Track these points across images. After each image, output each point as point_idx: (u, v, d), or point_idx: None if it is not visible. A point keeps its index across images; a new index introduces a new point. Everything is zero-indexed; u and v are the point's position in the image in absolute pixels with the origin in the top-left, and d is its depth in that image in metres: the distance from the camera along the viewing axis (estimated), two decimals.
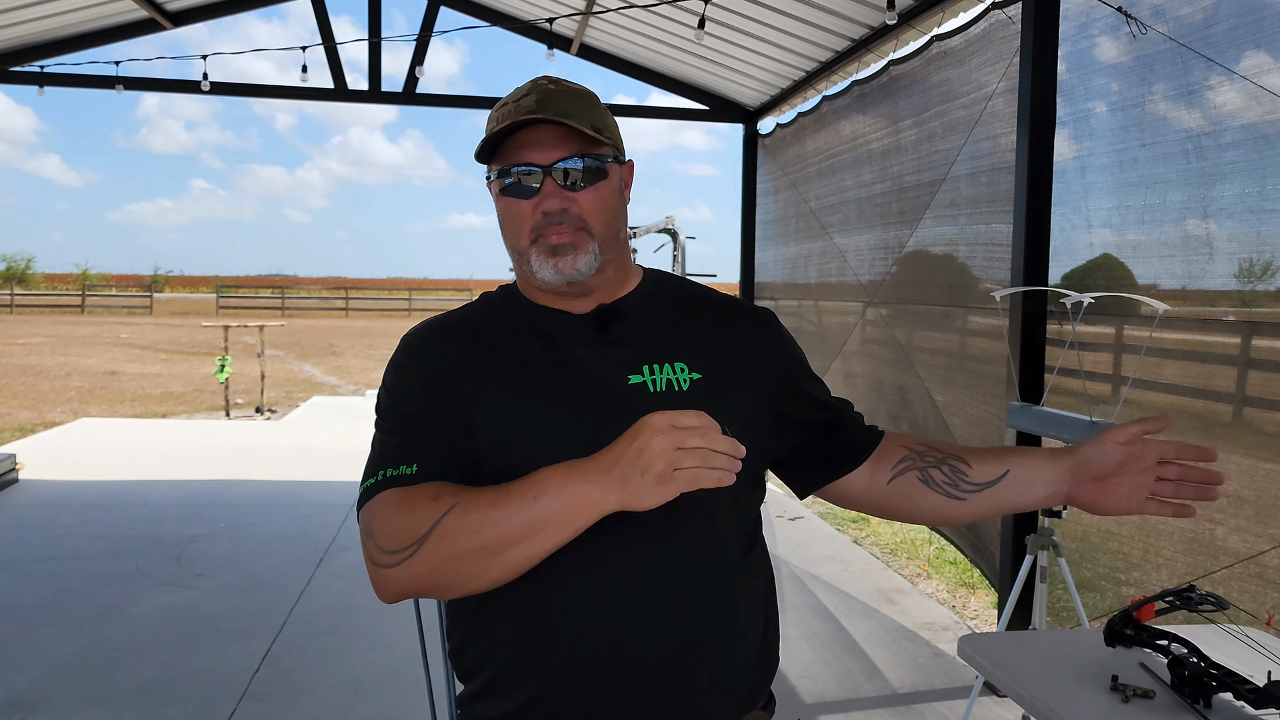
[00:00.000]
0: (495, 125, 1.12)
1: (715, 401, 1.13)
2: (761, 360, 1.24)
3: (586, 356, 1.16)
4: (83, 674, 3.22)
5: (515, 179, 1.12)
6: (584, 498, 0.98)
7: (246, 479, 6.40)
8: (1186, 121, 2.65)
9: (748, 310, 1.30)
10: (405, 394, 1.15)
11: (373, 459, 1.13)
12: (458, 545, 1.01)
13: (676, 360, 1.17)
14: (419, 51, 6.23)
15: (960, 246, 3.94)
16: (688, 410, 0.96)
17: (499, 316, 1.21)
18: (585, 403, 1.12)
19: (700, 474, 0.94)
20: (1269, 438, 2.45)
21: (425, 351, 1.18)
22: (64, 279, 54.34)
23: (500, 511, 1.00)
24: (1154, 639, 1.54)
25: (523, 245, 1.15)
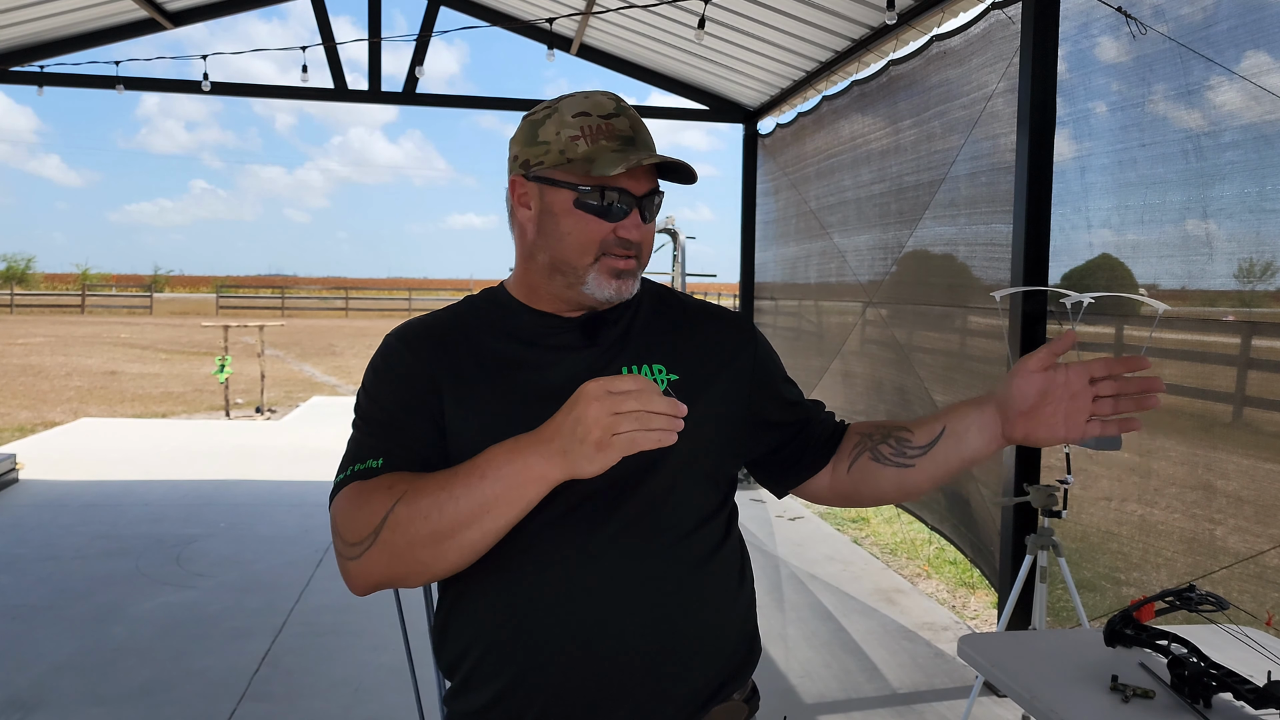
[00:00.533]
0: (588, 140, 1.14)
1: (691, 401, 1.15)
2: (736, 363, 1.28)
3: (569, 360, 1.19)
4: (82, 674, 3.22)
5: (606, 201, 1.14)
6: (528, 472, 1.00)
7: (246, 479, 6.40)
8: (1186, 121, 2.65)
9: (724, 316, 1.35)
10: (379, 394, 1.18)
11: (345, 456, 1.16)
12: (410, 533, 1.03)
13: (655, 362, 1.21)
14: (419, 51, 6.23)
15: (960, 246, 3.93)
16: (623, 375, 0.97)
17: (480, 318, 1.24)
18: (561, 399, 1.12)
19: (638, 436, 0.95)
20: (1269, 438, 2.45)
21: (401, 354, 1.20)
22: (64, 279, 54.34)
23: (448, 494, 1.02)
24: (1154, 639, 1.54)
25: (583, 261, 1.16)
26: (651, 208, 1.18)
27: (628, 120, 1.16)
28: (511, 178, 1.21)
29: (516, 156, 1.21)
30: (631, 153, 1.13)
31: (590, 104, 1.16)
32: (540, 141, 1.17)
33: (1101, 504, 3.03)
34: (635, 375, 0.98)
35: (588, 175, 1.14)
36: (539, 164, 1.17)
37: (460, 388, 1.16)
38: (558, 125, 1.16)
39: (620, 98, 1.19)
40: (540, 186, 1.17)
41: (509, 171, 1.23)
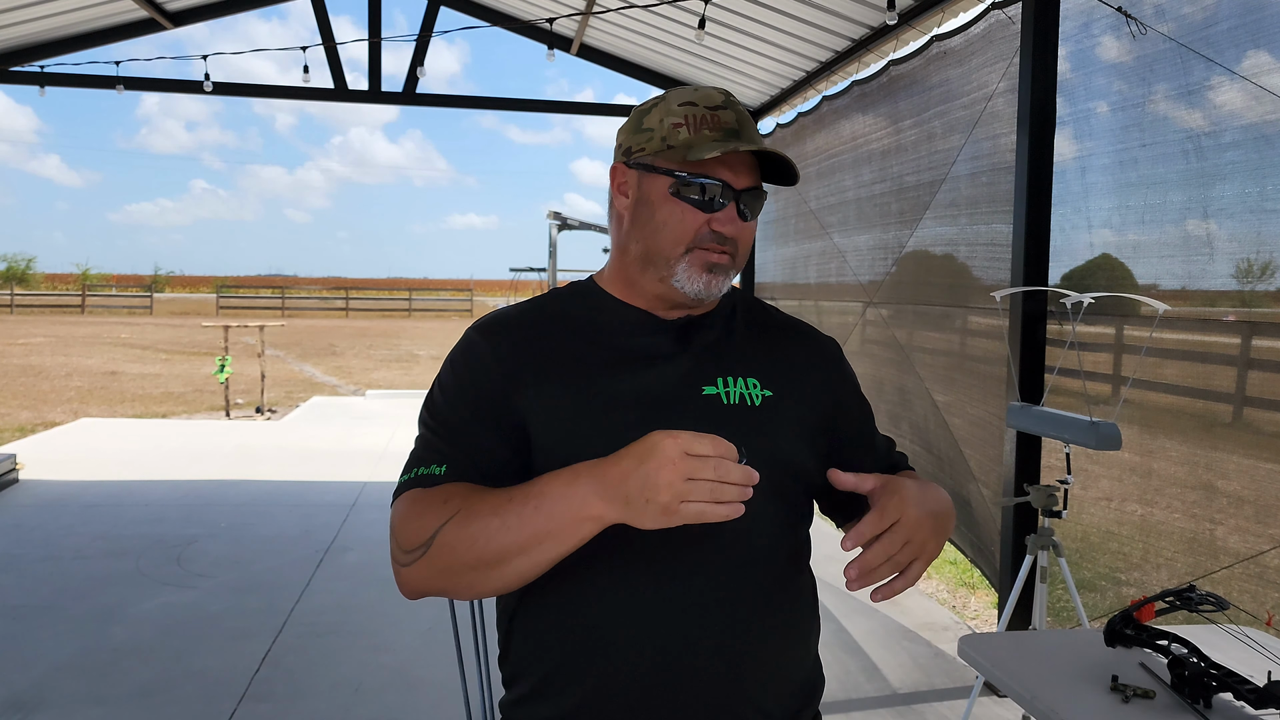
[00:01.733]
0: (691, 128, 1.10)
1: (784, 420, 1.15)
2: (825, 388, 1.25)
3: (662, 363, 1.15)
4: (83, 674, 3.22)
5: (705, 192, 1.11)
6: (584, 510, 0.96)
7: (246, 479, 6.40)
8: (1187, 121, 2.65)
9: (816, 337, 1.32)
10: (453, 394, 1.14)
11: (411, 455, 1.14)
12: (458, 555, 1.01)
13: (749, 375, 1.17)
14: (419, 51, 6.23)
15: (960, 246, 3.93)
16: (704, 435, 0.93)
17: (569, 312, 1.19)
18: (654, 408, 1.11)
19: (707, 509, 0.91)
20: (1269, 438, 2.45)
21: (479, 349, 1.15)
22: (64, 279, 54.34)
23: (499, 521, 0.99)
24: (1154, 639, 1.54)
25: (675, 252, 1.13)
26: (753, 205, 1.15)
27: (734, 114, 1.13)
28: (613, 165, 1.19)
29: (621, 144, 1.18)
30: (729, 143, 1.10)
31: (699, 95, 1.14)
32: (644, 129, 1.14)
33: (1102, 504, 3.03)
34: (714, 438, 0.93)
35: (685, 161, 1.11)
36: (640, 151, 1.15)
37: (543, 385, 1.12)
38: (662, 113, 1.14)
39: (731, 94, 1.17)
40: (639, 174, 1.15)
41: (613, 159, 1.20)
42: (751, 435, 1.10)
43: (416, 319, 32.57)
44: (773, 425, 1.15)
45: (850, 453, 1.27)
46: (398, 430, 8.54)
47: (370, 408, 10.12)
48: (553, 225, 8.45)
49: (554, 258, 8.48)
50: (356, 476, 6.51)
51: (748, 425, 1.12)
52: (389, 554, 1.09)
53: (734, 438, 1.06)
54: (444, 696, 3.13)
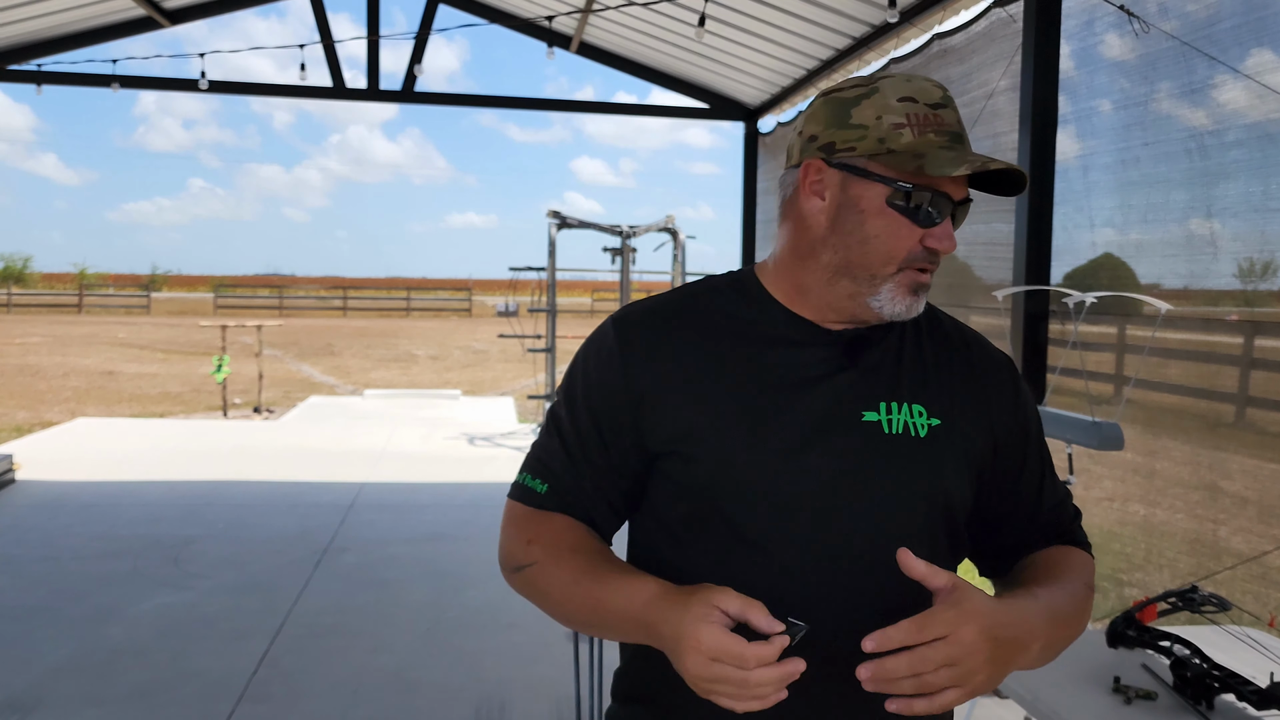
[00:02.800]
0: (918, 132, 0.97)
1: (950, 454, 1.04)
2: (998, 414, 1.10)
3: (823, 381, 1.03)
4: (80, 675, 3.20)
5: (927, 204, 0.98)
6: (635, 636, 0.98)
7: (244, 479, 6.39)
8: (1190, 120, 2.64)
9: (990, 352, 1.14)
10: (576, 394, 1.07)
11: (531, 451, 1.12)
12: (531, 595, 1.07)
13: (915, 401, 1.05)
14: (418, 49, 6.21)
15: (960, 246, 3.93)
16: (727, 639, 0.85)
17: (727, 311, 1.07)
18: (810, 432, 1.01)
19: (734, 704, 0.86)
20: (1272, 438, 2.44)
21: (611, 348, 1.06)
22: (62, 278, 54.31)
23: (565, 598, 1.02)
24: (1156, 640, 1.54)
25: (885, 270, 1.00)
26: (962, 218, 1.02)
27: (955, 114, 1.00)
28: (806, 160, 1.02)
29: (816, 137, 1.02)
30: (963, 151, 0.97)
31: (915, 89, 0.99)
32: (855, 124, 0.99)
33: (1105, 504, 3.02)
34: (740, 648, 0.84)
35: (917, 172, 0.97)
36: (848, 150, 0.99)
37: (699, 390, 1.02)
38: (878, 109, 0.99)
39: (945, 88, 1.03)
40: (845, 176, 1.00)
41: (799, 152, 1.04)
42: (911, 471, 1.02)
43: (415, 318, 32.56)
44: (937, 460, 1.04)
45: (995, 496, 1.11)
46: (396, 430, 8.53)
47: (368, 407, 10.11)
48: (552, 224, 8.43)
49: (553, 257, 8.46)
50: (354, 477, 6.50)
51: (908, 458, 1.03)
52: (390, 554, 1.10)
53: (892, 471, 1.02)
54: (442, 697, 3.12)
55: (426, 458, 7.28)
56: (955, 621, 0.86)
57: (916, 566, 0.90)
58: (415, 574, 4.33)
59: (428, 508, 5.65)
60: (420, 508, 5.65)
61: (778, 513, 1.00)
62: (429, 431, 8.50)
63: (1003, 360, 1.14)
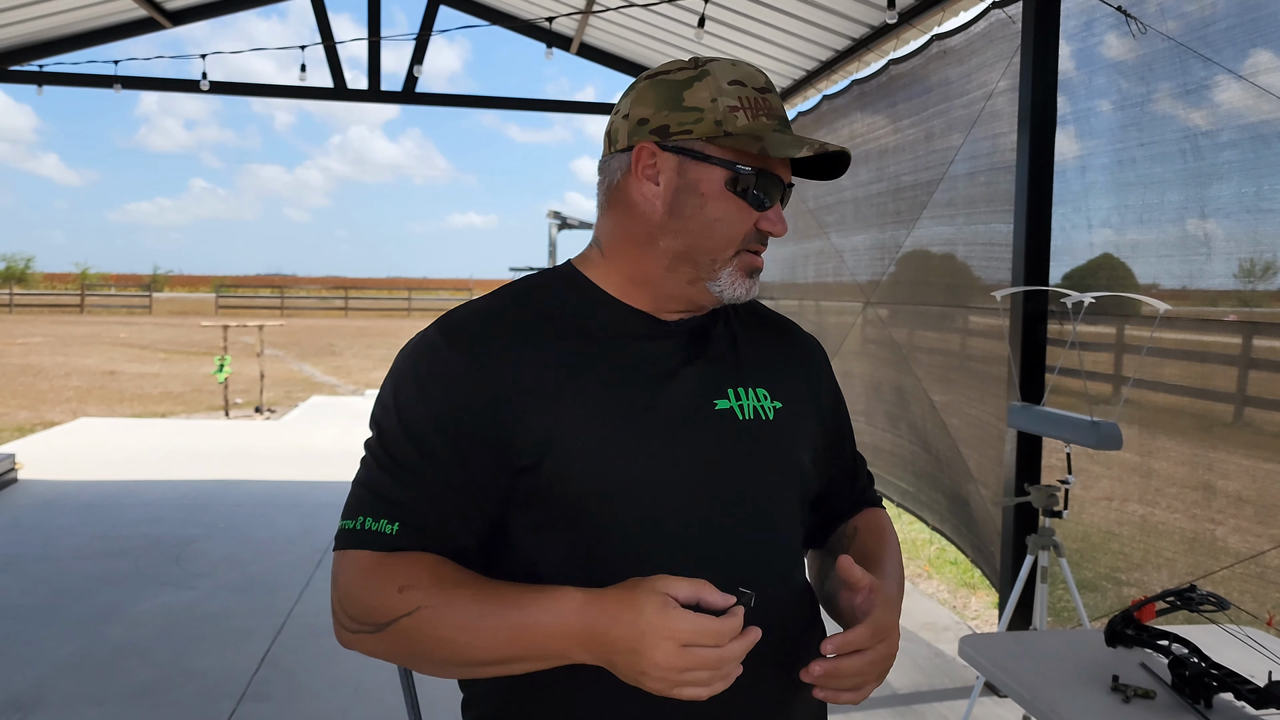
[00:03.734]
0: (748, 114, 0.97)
1: (795, 434, 1.06)
2: (820, 395, 1.14)
3: (672, 375, 1.00)
4: (82, 674, 3.21)
5: (764, 187, 0.98)
6: (567, 656, 0.88)
7: (246, 479, 6.39)
8: (1184, 121, 2.65)
9: (805, 337, 1.18)
10: (409, 417, 0.95)
11: (355, 492, 0.97)
12: (415, 650, 0.92)
13: (758, 385, 1.05)
14: (419, 50, 6.22)
15: (959, 246, 3.93)
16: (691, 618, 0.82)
17: (562, 309, 1.01)
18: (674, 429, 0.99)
19: (702, 692, 0.84)
20: (1270, 438, 2.45)
21: (452, 361, 0.96)
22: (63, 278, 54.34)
23: (468, 639, 0.89)
24: (1155, 639, 1.54)
25: (725, 254, 0.99)
26: (786, 203, 1.03)
27: (779, 99, 1.01)
28: (639, 144, 0.98)
29: (647, 120, 0.98)
30: (796, 135, 0.96)
31: (742, 73, 0.99)
32: (689, 107, 0.97)
33: (1102, 504, 3.03)
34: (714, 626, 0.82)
35: (757, 155, 0.96)
36: (684, 133, 0.97)
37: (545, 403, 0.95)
38: (712, 91, 0.97)
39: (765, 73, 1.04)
40: (682, 160, 0.97)
41: (625, 135, 1.00)
42: (769, 453, 1.03)
43: (416, 318, 32.57)
44: (787, 440, 1.05)
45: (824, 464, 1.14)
46: None
47: (369, 407, 10.10)
48: (552, 224, 8.45)
49: (554, 257, 8.48)
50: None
51: (763, 441, 1.03)
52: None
53: (753, 456, 1.02)
54: (443, 697, 3.13)
55: None
56: (892, 624, 0.95)
57: (853, 573, 0.96)
58: None
59: None
60: None
61: (653, 515, 0.96)
62: None
63: (815, 343, 1.20)
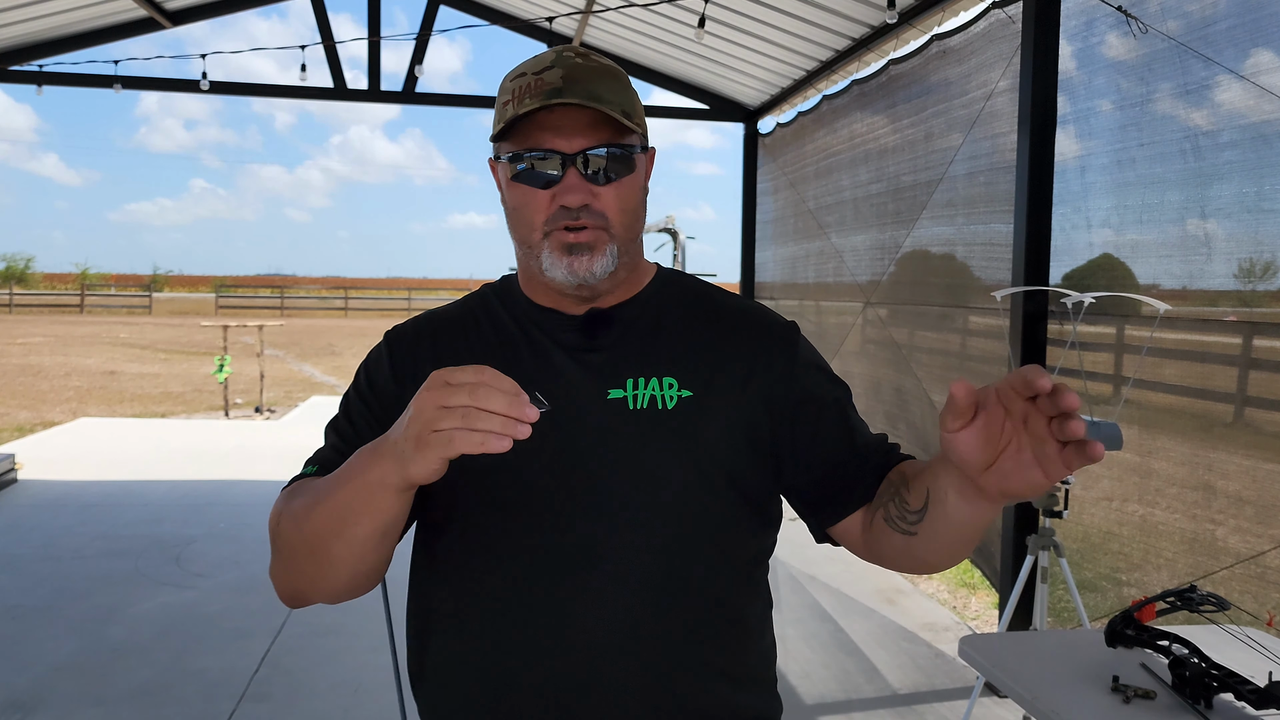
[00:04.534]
0: (516, 102, 0.99)
1: (701, 424, 1.03)
2: (767, 380, 1.07)
3: (565, 365, 1.05)
4: (82, 674, 3.21)
5: (529, 164, 1.00)
6: (372, 474, 0.87)
7: (246, 479, 6.39)
8: (1184, 121, 2.65)
9: (762, 320, 1.13)
10: (352, 403, 1.11)
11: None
12: (290, 538, 0.96)
13: (666, 375, 1.04)
14: (419, 50, 6.22)
15: (959, 246, 3.93)
16: (469, 367, 0.81)
17: (482, 316, 1.12)
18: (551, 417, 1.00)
19: (457, 435, 0.79)
20: (1269, 438, 2.45)
21: (380, 359, 1.11)
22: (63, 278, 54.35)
23: (315, 497, 0.93)
24: (1155, 639, 1.54)
25: (534, 239, 1.02)
26: (601, 166, 0.99)
27: (562, 70, 0.99)
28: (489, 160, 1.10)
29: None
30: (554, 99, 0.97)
31: (531, 62, 1.02)
32: (495, 119, 1.04)
33: (1102, 504, 3.03)
34: (481, 367, 0.81)
35: (518, 137, 1.01)
36: (493, 142, 1.05)
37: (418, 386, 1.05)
38: (500, 95, 1.03)
39: (577, 49, 1.03)
40: (498, 165, 1.06)
41: None
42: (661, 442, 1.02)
43: None
44: (689, 429, 1.03)
45: (804, 459, 1.08)
46: None
47: None
48: None
49: None
50: None
51: (657, 430, 1.02)
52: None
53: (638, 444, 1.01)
54: None
55: None
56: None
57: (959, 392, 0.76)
58: None
59: None
60: None
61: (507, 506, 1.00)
62: None
63: (780, 331, 1.12)
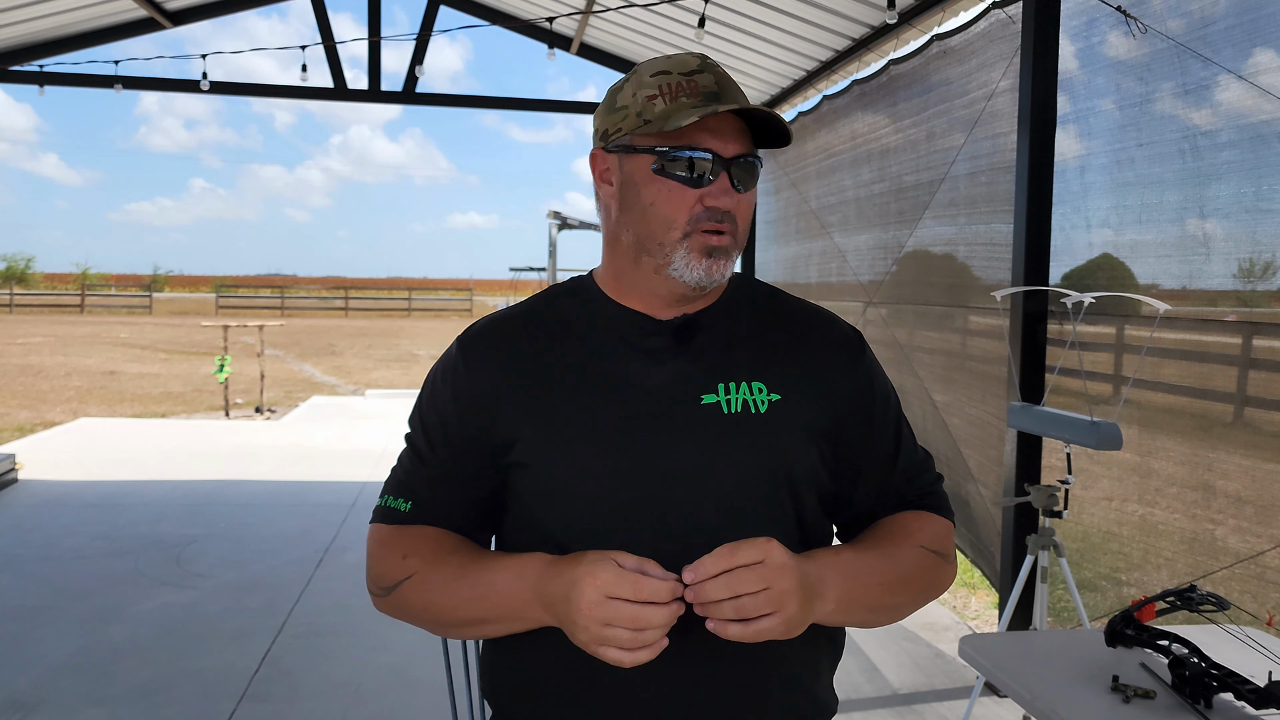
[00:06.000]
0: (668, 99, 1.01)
1: (790, 427, 1.06)
2: (838, 387, 1.11)
3: (656, 371, 1.06)
4: (82, 674, 3.21)
5: (693, 166, 1.01)
6: (528, 614, 0.97)
7: (246, 479, 6.40)
8: (1183, 121, 2.65)
9: (835, 328, 1.16)
10: (429, 418, 1.10)
11: (389, 476, 1.13)
12: (411, 612, 1.05)
13: (755, 379, 1.07)
14: (419, 50, 6.22)
15: (960, 246, 3.93)
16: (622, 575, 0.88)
17: (563, 317, 1.11)
18: (649, 424, 1.03)
19: (624, 658, 0.88)
20: (1269, 438, 2.45)
21: (458, 369, 1.09)
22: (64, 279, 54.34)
23: (448, 600, 1.01)
24: (1155, 639, 1.54)
25: (671, 237, 1.02)
26: (746, 175, 1.04)
27: (713, 76, 1.03)
28: (591, 152, 1.10)
29: (598, 129, 1.09)
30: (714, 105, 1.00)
31: (671, 63, 1.05)
32: (618, 108, 1.05)
33: (1102, 504, 3.03)
34: (636, 578, 0.88)
35: (673, 134, 1.01)
36: (617, 131, 1.05)
37: (529, 406, 1.05)
38: (635, 87, 1.05)
39: (708, 57, 1.07)
40: (620, 157, 1.06)
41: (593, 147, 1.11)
42: (753, 447, 1.04)
43: (416, 319, 32.57)
44: (778, 434, 1.06)
45: (844, 466, 1.13)
46: (397, 430, 8.54)
47: (369, 407, 10.12)
48: (553, 224, 8.44)
49: (554, 257, 8.48)
50: (356, 476, 6.50)
51: (750, 436, 1.04)
52: None
53: (733, 449, 1.04)
54: (443, 697, 3.13)
55: None
56: (766, 548, 0.90)
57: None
58: None
59: None
60: None
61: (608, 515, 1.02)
62: None
63: (847, 337, 1.16)
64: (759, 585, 0.89)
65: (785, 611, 0.91)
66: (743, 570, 0.89)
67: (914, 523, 1.13)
